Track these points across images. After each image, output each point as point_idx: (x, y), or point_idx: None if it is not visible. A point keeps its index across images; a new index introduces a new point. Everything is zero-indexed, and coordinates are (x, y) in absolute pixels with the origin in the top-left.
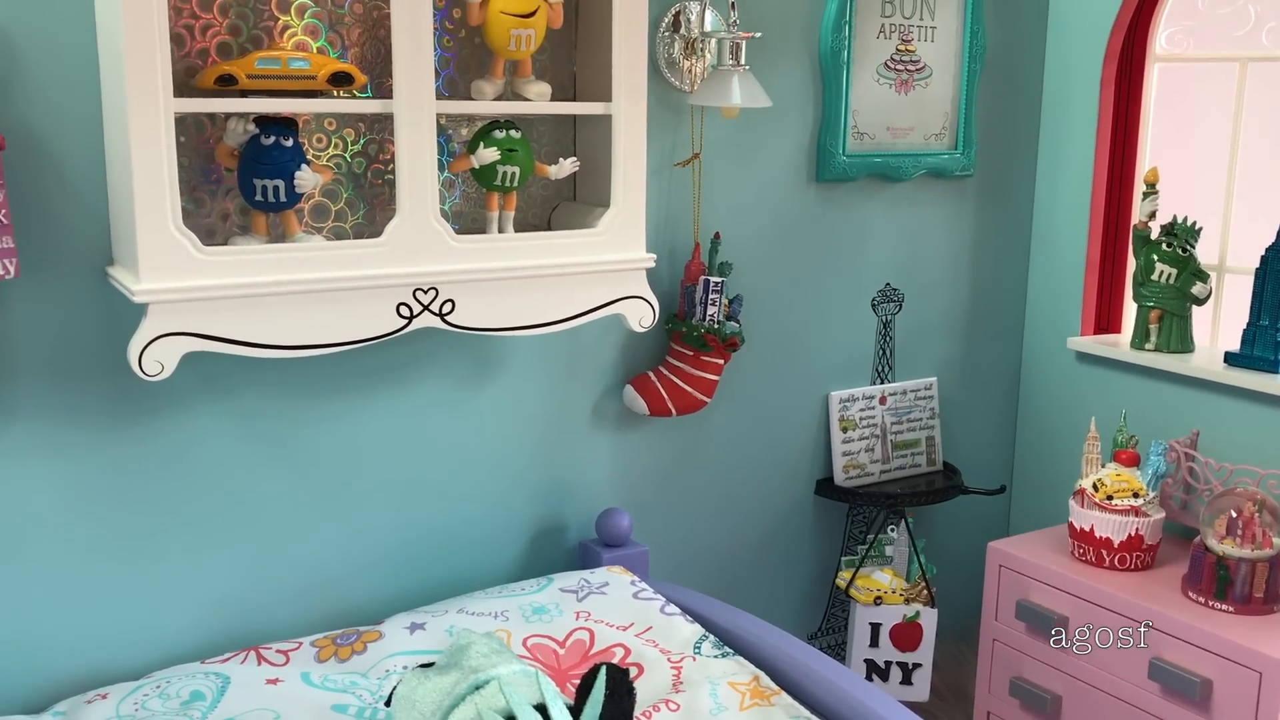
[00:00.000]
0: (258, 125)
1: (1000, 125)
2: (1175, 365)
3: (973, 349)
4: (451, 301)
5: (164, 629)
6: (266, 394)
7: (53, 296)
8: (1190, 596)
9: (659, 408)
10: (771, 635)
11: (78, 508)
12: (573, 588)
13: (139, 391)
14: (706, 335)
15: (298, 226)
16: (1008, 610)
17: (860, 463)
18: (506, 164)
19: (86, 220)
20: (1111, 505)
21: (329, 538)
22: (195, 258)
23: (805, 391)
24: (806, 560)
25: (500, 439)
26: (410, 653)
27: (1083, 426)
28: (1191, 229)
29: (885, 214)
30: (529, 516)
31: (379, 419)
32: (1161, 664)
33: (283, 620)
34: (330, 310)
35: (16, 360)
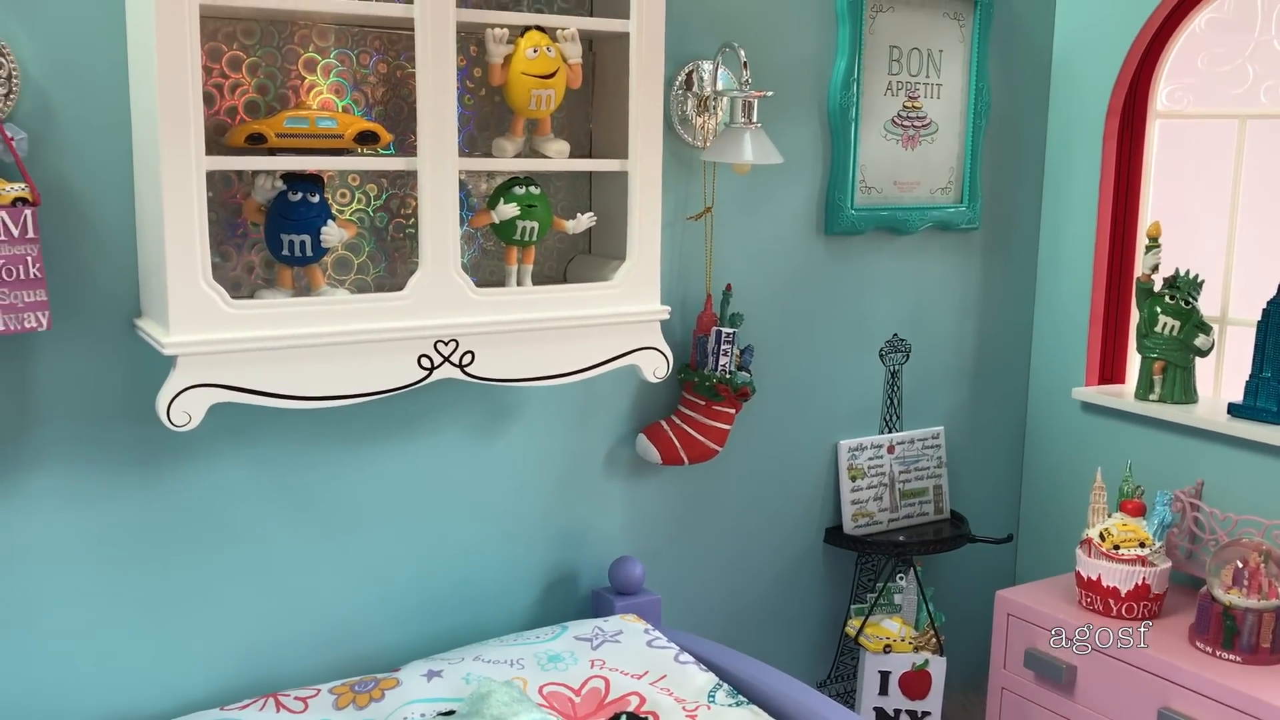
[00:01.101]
0: (285, 182)
1: (1005, 179)
2: (1179, 416)
3: (979, 399)
4: (471, 353)
5: (184, 676)
6: (287, 444)
7: (82, 348)
8: (1198, 646)
9: (671, 456)
10: (783, 683)
11: (101, 555)
12: (587, 636)
13: (163, 441)
14: (718, 385)
15: (322, 280)
16: (1016, 659)
17: (869, 511)
18: (526, 219)
19: (116, 274)
20: (1118, 555)
21: (347, 586)
22: (224, 311)
23: (815, 440)
24: (816, 608)
25: (515, 488)
26: (428, 700)
27: (1088, 476)
28: (1194, 281)
29: (892, 266)
30: (543, 564)
31: (397, 468)
32: (1170, 714)
33: (301, 668)
34: (354, 362)
35: (45, 409)
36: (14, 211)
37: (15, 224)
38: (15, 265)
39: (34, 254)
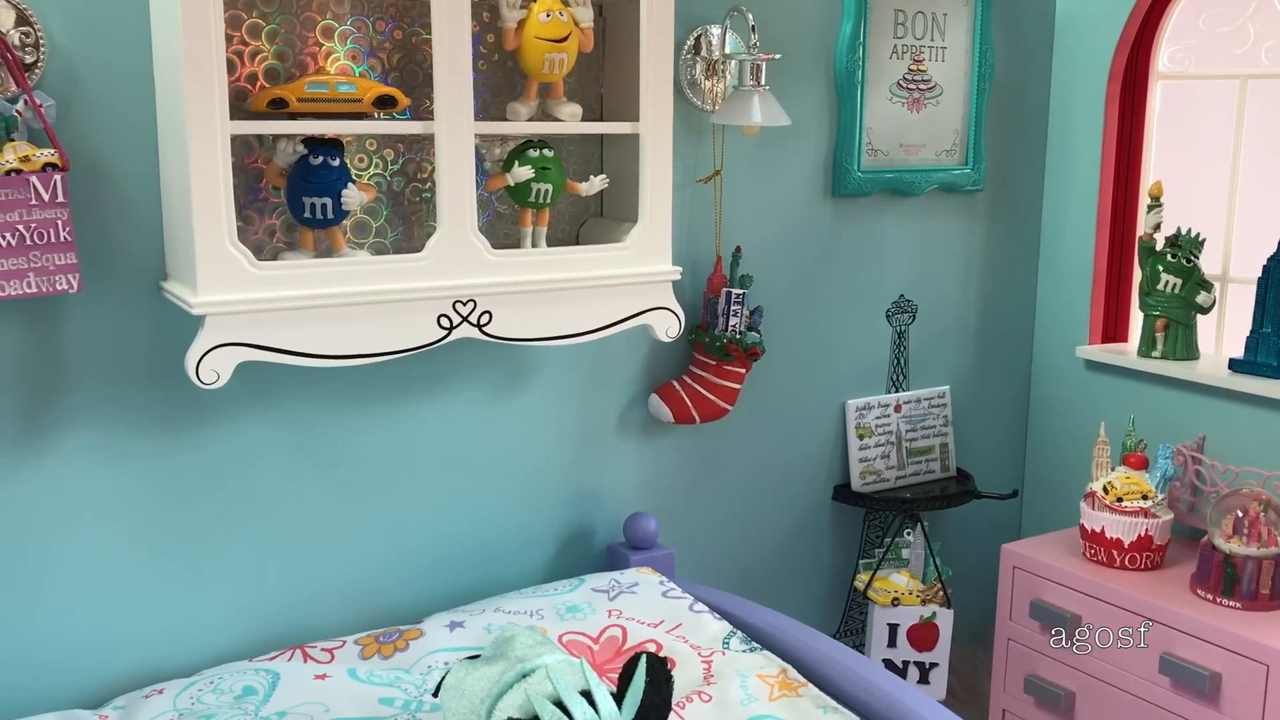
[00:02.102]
0: (306, 146)
1: (1009, 141)
2: (1181, 372)
3: (984, 358)
4: (489, 313)
5: (213, 629)
6: (311, 404)
7: (110, 310)
8: (1199, 594)
9: (683, 416)
10: (796, 630)
11: (132, 512)
12: (604, 587)
13: (190, 401)
14: (729, 345)
15: (343, 242)
16: (1022, 610)
17: (876, 469)
18: (540, 182)
19: (141, 237)
20: (1121, 507)
21: (370, 541)
22: (250, 272)
23: (823, 400)
24: (825, 563)
25: (531, 447)
26: (451, 649)
27: (1091, 433)
28: (1195, 240)
29: (898, 228)
30: (559, 521)
31: (416, 427)
32: (1172, 659)
33: (326, 621)
34: (375, 322)
35: (76, 371)
36: (44, 177)
37: (46, 189)
38: (46, 229)
39: (64, 218)
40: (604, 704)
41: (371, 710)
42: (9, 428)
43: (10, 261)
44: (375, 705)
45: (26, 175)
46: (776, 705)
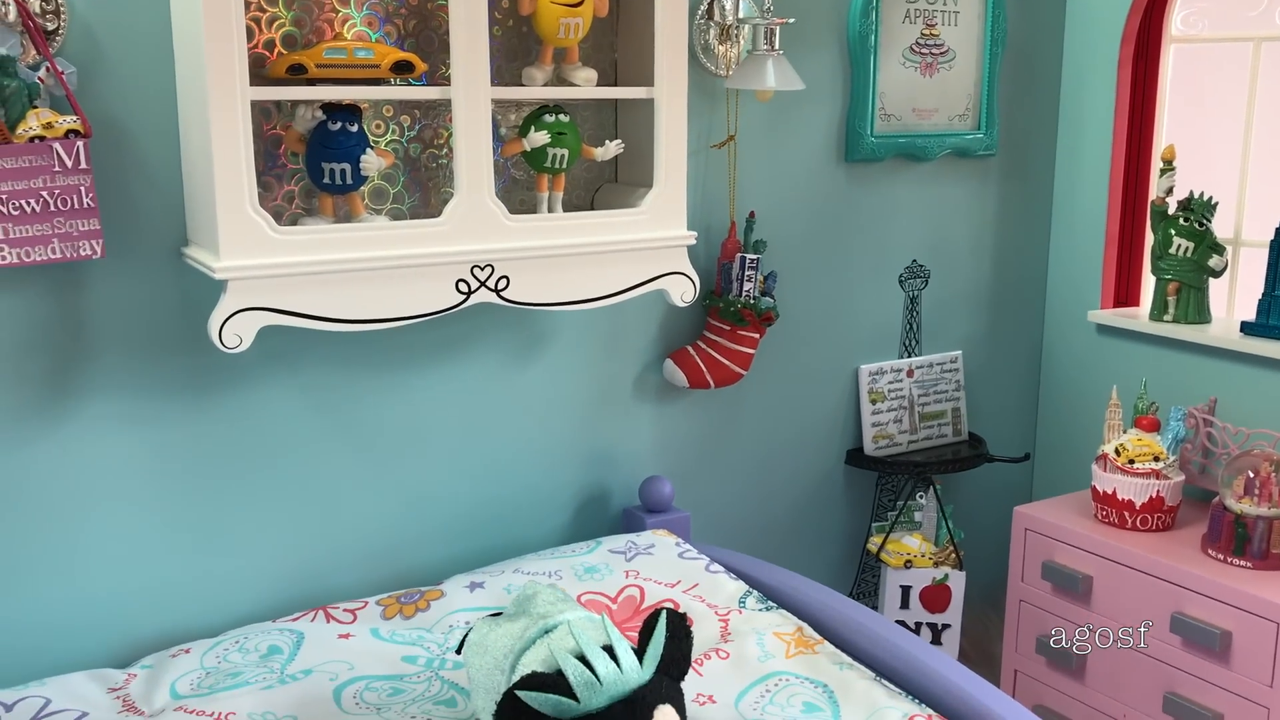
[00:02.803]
0: (325, 112)
1: (1021, 106)
2: (1193, 335)
3: (996, 323)
4: (506, 278)
5: (236, 591)
6: (330, 369)
7: (132, 277)
8: (1210, 554)
9: (698, 380)
10: (811, 589)
11: (155, 477)
12: (621, 549)
13: (212, 366)
14: (743, 310)
15: (362, 208)
16: (1034, 571)
17: (889, 433)
18: (556, 147)
19: (162, 204)
20: (1133, 469)
21: (389, 505)
22: (271, 237)
23: (836, 365)
24: (838, 526)
25: (548, 411)
26: (471, 609)
27: (1102, 397)
28: (1208, 204)
29: (911, 193)
30: (575, 484)
31: (434, 392)
32: (1183, 618)
33: (347, 583)
34: (395, 286)
35: (100, 337)
36: (67, 143)
37: (69, 155)
38: (69, 195)
39: (86, 184)
40: (625, 658)
41: (395, 668)
42: (35, 394)
43: (34, 228)
44: (398, 663)
45: (50, 142)
46: (793, 662)
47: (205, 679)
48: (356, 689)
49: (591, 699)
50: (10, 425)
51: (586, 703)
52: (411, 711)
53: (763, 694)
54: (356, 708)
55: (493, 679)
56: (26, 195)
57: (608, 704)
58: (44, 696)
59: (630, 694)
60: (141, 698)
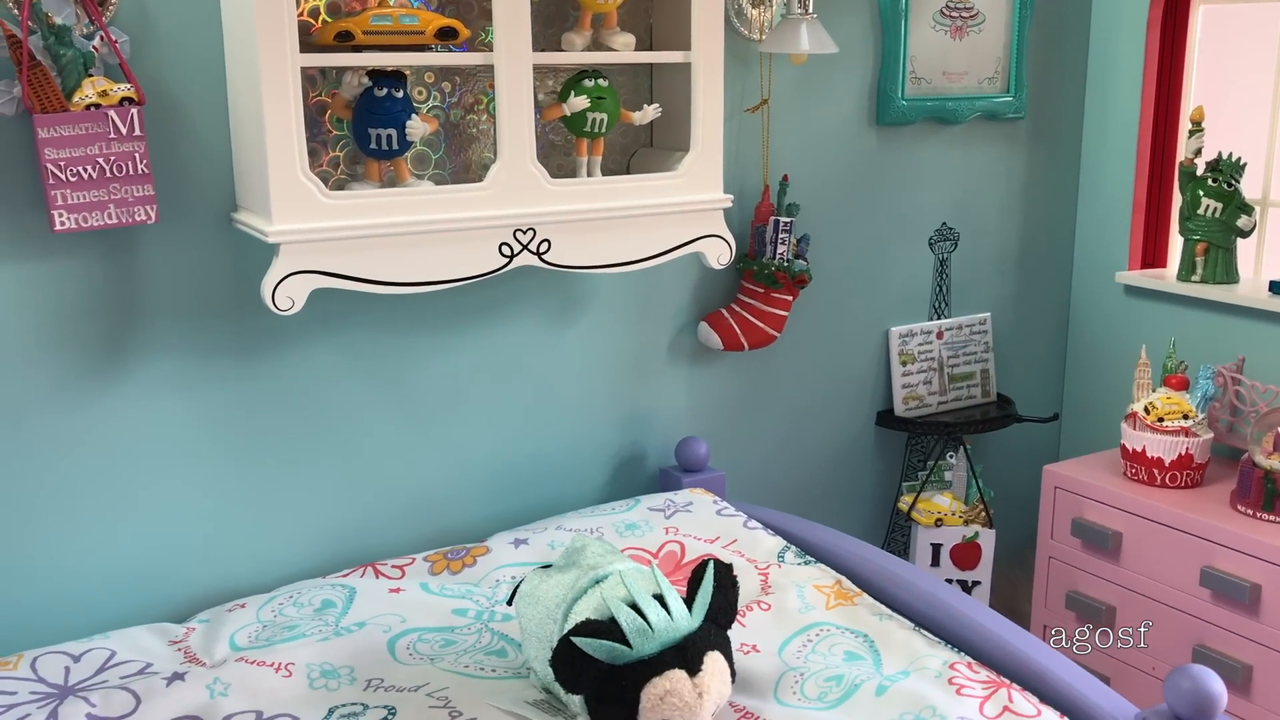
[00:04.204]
0: (371, 78)
1: (1050, 68)
2: (1221, 295)
3: (1025, 285)
4: (548, 241)
5: (286, 549)
6: (375, 332)
7: (183, 242)
8: (1239, 509)
9: (732, 342)
10: (848, 544)
11: (208, 437)
12: (659, 506)
13: (260, 330)
14: (777, 273)
15: (408, 173)
16: (1063, 528)
17: (919, 394)
18: (595, 111)
19: (212, 169)
20: (1163, 427)
21: (433, 465)
22: (321, 202)
23: (867, 327)
24: (868, 486)
25: (585, 374)
26: (517, 564)
27: (1129, 358)
28: (1236, 164)
29: (941, 156)
30: (612, 445)
31: (476, 355)
32: (1213, 572)
33: (394, 541)
34: (440, 250)
35: (153, 301)
36: (122, 111)
37: (124, 123)
38: (124, 162)
39: (141, 151)
40: (675, 606)
41: (445, 620)
42: (92, 356)
43: (91, 193)
44: (449, 615)
45: (105, 110)
46: (833, 614)
47: (262, 631)
48: (409, 640)
49: (644, 645)
50: (69, 387)
51: (639, 649)
52: (464, 662)
53: (805, 643)
54: (410, 658)
55: (545, 628)
56: (83, 162)
57: (659, 650)
58: (109, 648)
59: (681, 641)
60: (202, 649)
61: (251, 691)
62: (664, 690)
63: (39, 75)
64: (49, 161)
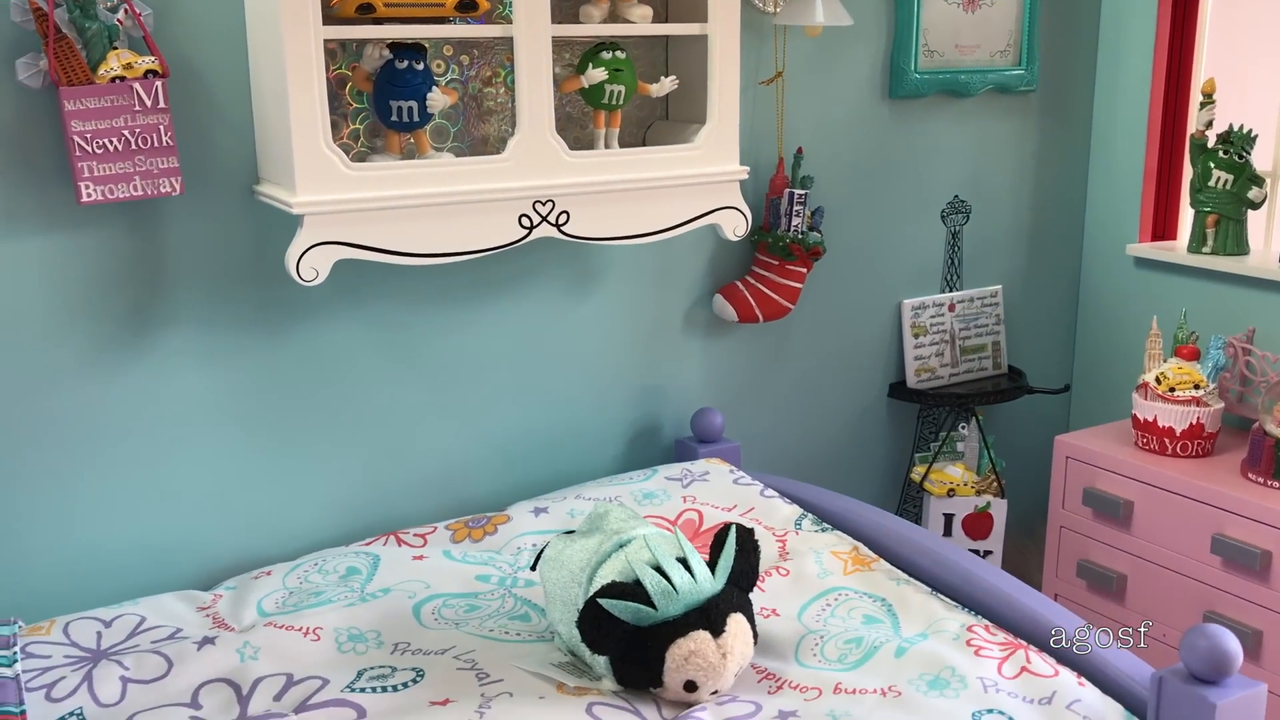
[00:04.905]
0: (391, 51)
1: (1061, 41)
2: (1231, 266)
3: (1035, 258)
4: (567, 213)
5: (308, 518)
6: (396, 304)
7: (207, 214)
8: (1250, 478)
9: (747, 315)
10: (864, 510)
11: (232, 408)
12: (676, 476)
13: (284, 301)
14: (792, 245)
15: (428, 145)
16: (1075, 498)
17: (931, 366)
18: (613, 83)
19: (235, 142)
20: (1174, 396)
21: (452, 435)
22: (344, 173)
23: (879, 299)
24: (881, 457)
25: (602, 346)
26: (537, 532)
27: (1140, 330)
28: (1247, 136)
29: (953, 129)
30: (629, 416)
31: (494, 327)
32: (1224, 539)
33: (414, 510)
34: (462, 221)
35: (178, 272)
36: (146, 83)
37: (148, 95)
38: (149, 134)
39: (165, 123)
40: (699, 569)
41: (469, 586)
42: (118, 327)
43: (117, 165)
44: (472, 581)
45: (130, 82)
46: (851, 579)
47: (289, 598)
48: (435, 606)
49: (668, 607)
50: (96, 358)
51: (664, 610)
52: (489, 626)
53: (824, 607)
54: (436, 623)
55: (569, 591)
56: (109, 134)
57: (683, 612)
58: (138, 614)
59: (704, 603)
60: (230, 615)
61: (281, 655)
62: (688, 651)
63: (65, 48)
64: (75, 134)
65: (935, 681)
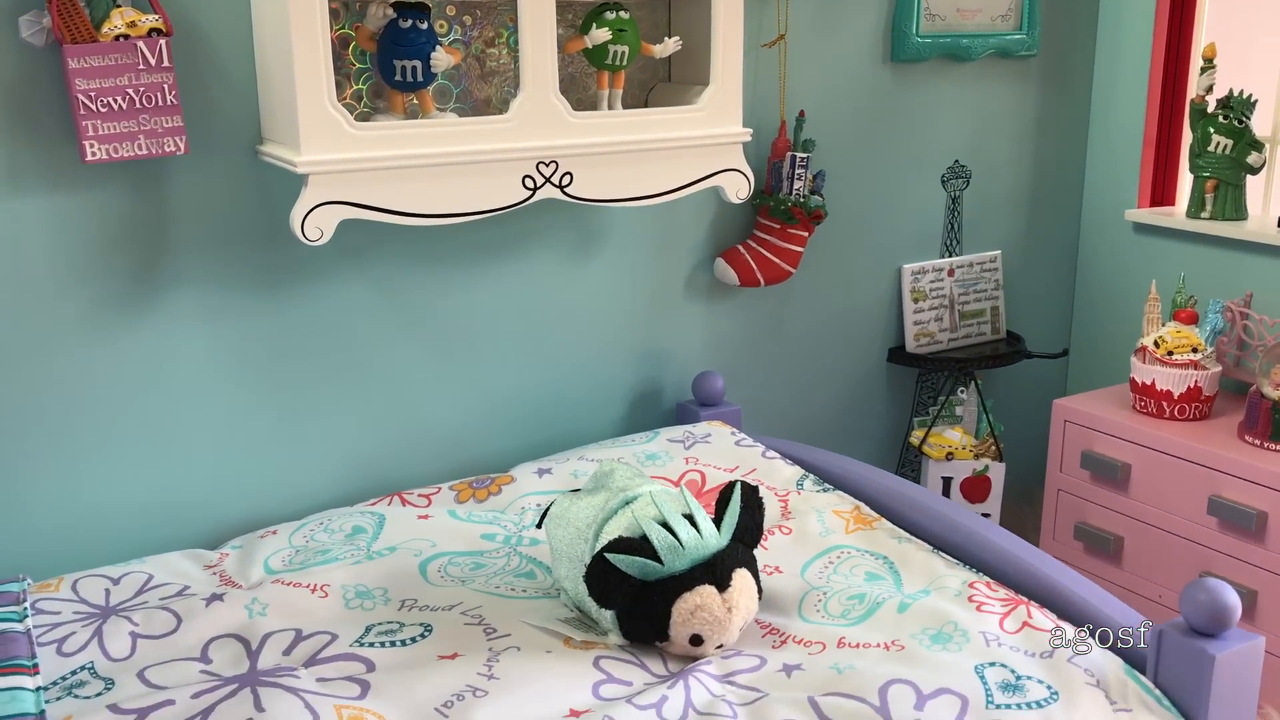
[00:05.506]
0: (395, 10)
1: (1062, 6)
2: (1230, 231)
3: (1034, 223)
4: (570, 174)
5: (313, 478)
6: (400, 265)
7: (210, 173)
8: (1247, 439)
9: (748, 278)
10: (865, 470)
11: (236, 369)
12: (679, 438)
13: (288, 262)
14: (793, 208)
15: (432, 105)
16: (1073, 461)
17: (930, 331)
18: (617, 43)
19: (237, 102)
20: (1172, 360)
21: (455, 397)
22: (349, 133)
23: (879, 264)
24: (880, 421)
25: (604, 309)
26: (541, 493)
27: (1138, 295)
28: (1247, 101)
29: (954, 93)
30: (631, 379)
31: (496, 289)
32: (1220, 500)
33: (418, 472)
34: (466, 181)
35: (182, 232)
36: (150, 42)
37: (152, 54)
38: (154, 93)
39: (170, 82)
40: (705, 525)
41: (475, 545)
42: (123, 287)
43: (121, 124)
44: (478, 540)
45: (134, 40)
46: (853, 537)
47: (296, 556)
48: (441, 563)
49: (675, 562)
50: (100, 317)
51: (670, 565)
52: (495, 583)
53: (826, 565)
54: (442, 580)
55: (576, 548)
56: (113, 93)
57: (689, 567)
58: (146, 572)
59: (710, 558)
60: (237, 573)
61: (289, 611)
62: (694, 605)
63: (68, 6)
64: (79, 92)
65: (938, 636)
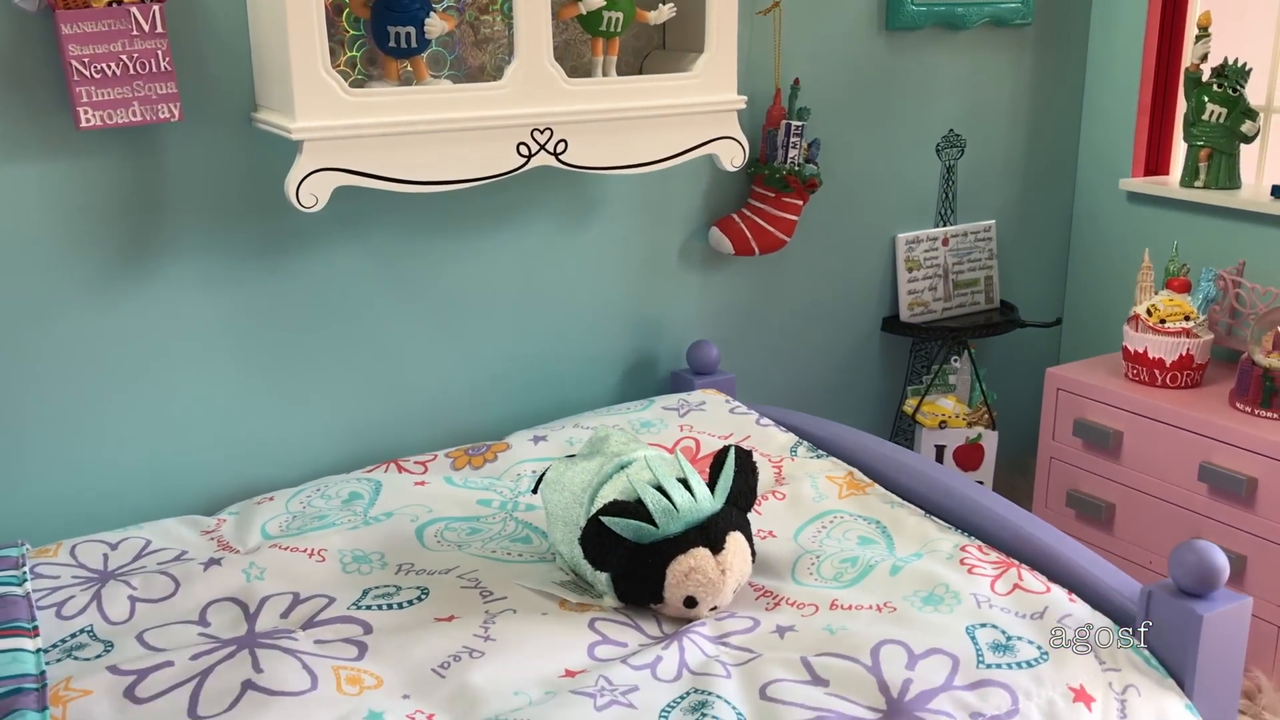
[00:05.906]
0: None
1: None
2: (1223, 200)
3: (1029, 192)
4: (565, 141)
5: (308, 445)
6: (395, 234)
7: (205, 141)
8: (1238, 407)
9: (743, 247)
10: (858, 437)
11: (232, 337)
12: (674, 406)
13: (283, 230)
14: (788, 177)
15: (426, 72)
16: (1065, 429)
17: (924, 300)
18: (612, 10)
19: (231, 69)
20: (1164, 328)
21: (450, 366)
22: (343, 99)
23: (874, 233)
24: (874, 390)
25: (599, 277)
26: (537, 459)
27: (1131, 264)
28: (1242, 70)
29: (949, 62)
30: (625, 347)
31: (491, 257)
32: (1211, 467)
33: (414, 440)
34: (460, 148)
35: (177, 199)
36: (144, 8)
37: (145, 19)
38: (147, 59)
39: (163, 48)
40: (699, 489)
41: (471, 510)
42: (118, 255)
43: (115, 91)
44: (474, 506)
45: (127, 6)
46: (846, 502)
47: (293, 521)
48: (437, 529)
49: (669, 524)
50: (96, 284)
51: (664, 528)
52: (491, 547)
53: (819, 529)
54: (439, 545)
55: (571, 512)
56: (107, 59)
57: (683, 530)
58: (144, 538)
59: (704, 521)
60: (235, 538)
61: (287, 575)
62: (689, 567)
63: None
64: (73, 58)
65: (930, 598)
